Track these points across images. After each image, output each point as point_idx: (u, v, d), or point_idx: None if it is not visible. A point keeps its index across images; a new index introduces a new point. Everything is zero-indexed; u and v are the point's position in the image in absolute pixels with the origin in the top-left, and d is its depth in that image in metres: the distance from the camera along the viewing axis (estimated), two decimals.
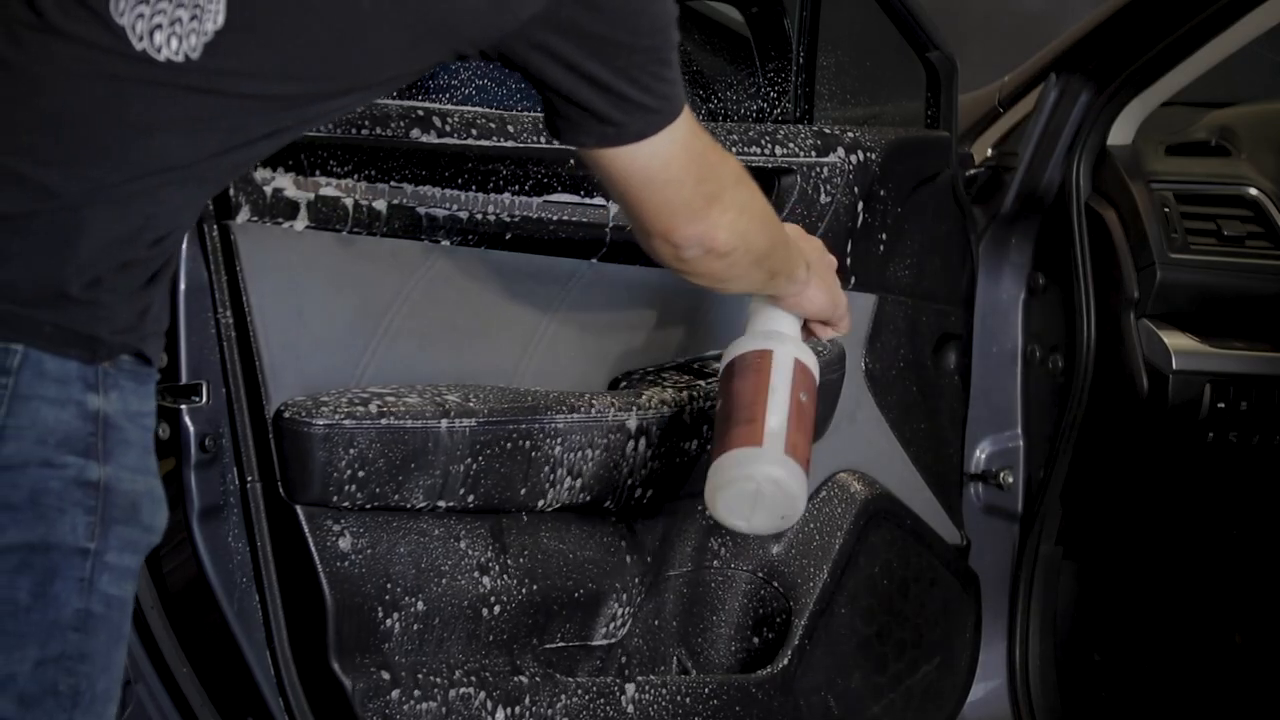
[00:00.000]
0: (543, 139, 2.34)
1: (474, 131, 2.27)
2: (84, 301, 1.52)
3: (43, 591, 1.52)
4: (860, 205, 2.69)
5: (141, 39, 1.49)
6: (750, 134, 2.57)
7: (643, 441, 2.32)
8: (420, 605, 2.22)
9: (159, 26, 1.50)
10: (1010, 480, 3.10)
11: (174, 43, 1.50)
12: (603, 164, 1.80)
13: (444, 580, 2.24)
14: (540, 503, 2.28)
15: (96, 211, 1.50)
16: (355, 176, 2.18)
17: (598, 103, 1.72)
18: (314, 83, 1.58)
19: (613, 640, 2.44)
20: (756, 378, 2.09)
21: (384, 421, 2.11)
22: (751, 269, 1.99)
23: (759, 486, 2.03)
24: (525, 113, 2.35)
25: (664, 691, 2.45)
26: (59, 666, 1.54)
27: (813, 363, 2.16)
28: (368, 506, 2.14)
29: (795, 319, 2.18)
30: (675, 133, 1.78)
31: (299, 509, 2.12)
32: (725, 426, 2.08)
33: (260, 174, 2.10)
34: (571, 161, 2.36)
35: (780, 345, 2.12)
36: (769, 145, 2.57)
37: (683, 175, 1.82)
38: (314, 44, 1.55)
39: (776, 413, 2.06)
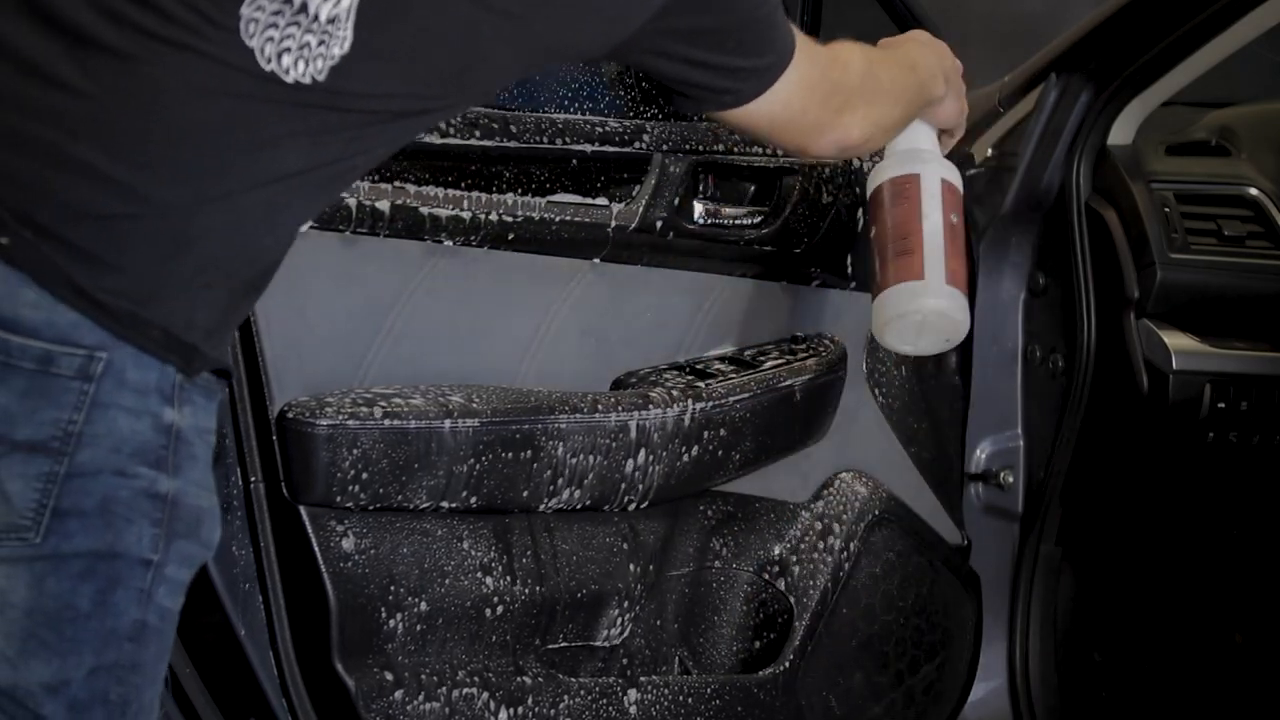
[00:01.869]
0: (545, 139, 2.34)
1: (477, 132, 2.27)
2: (193, 311, 1.54)
3: (104, 600, 1.53)
4: (861, 205, 2.69)
5: (270, 61, 1.52)
6: None
7: (645, 442, 2.32)
8: (423, 606, 2.22)
9: (287, 50, 1.52)
10: (1010, 480, 3.09)
11: (301, 65, 1.52)
12: (729, 120, 1.88)
13: (447, 581, 2.24)
14: (543, 503, 2.28)
15: (213, 221, 1.52)
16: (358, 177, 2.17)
17: (713, 81, 1.79)
18: (431, 99, 1.62)
19: (615, 641, 2.44)
20: (908, 205, 2.16)
21: (387, 422, 2.11)
22: (892, 131, 2.11)
23: (924, 319, 2.14)
24: (528, 113, 2.35)
25: (666, 692, 2.45)
26: (111, 675, 1.55)
27: (957, 180, 2.21)
28: (371, 507, 2.14)
29: (933, 132, 2.22)
30: (790, 74, 1.83)
31: (302, 509, 2.12)
32: (885, 258, 2.16)
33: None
34: (574, 162, 2.37)
35: (925, 167, 2.17)
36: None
37: (806, 105, 1.88)
38: (435, 68, 1.58)
39: (932, 241, 2.14)
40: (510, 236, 2.31)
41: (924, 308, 2.14)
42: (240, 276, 1.59)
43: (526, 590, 2.31)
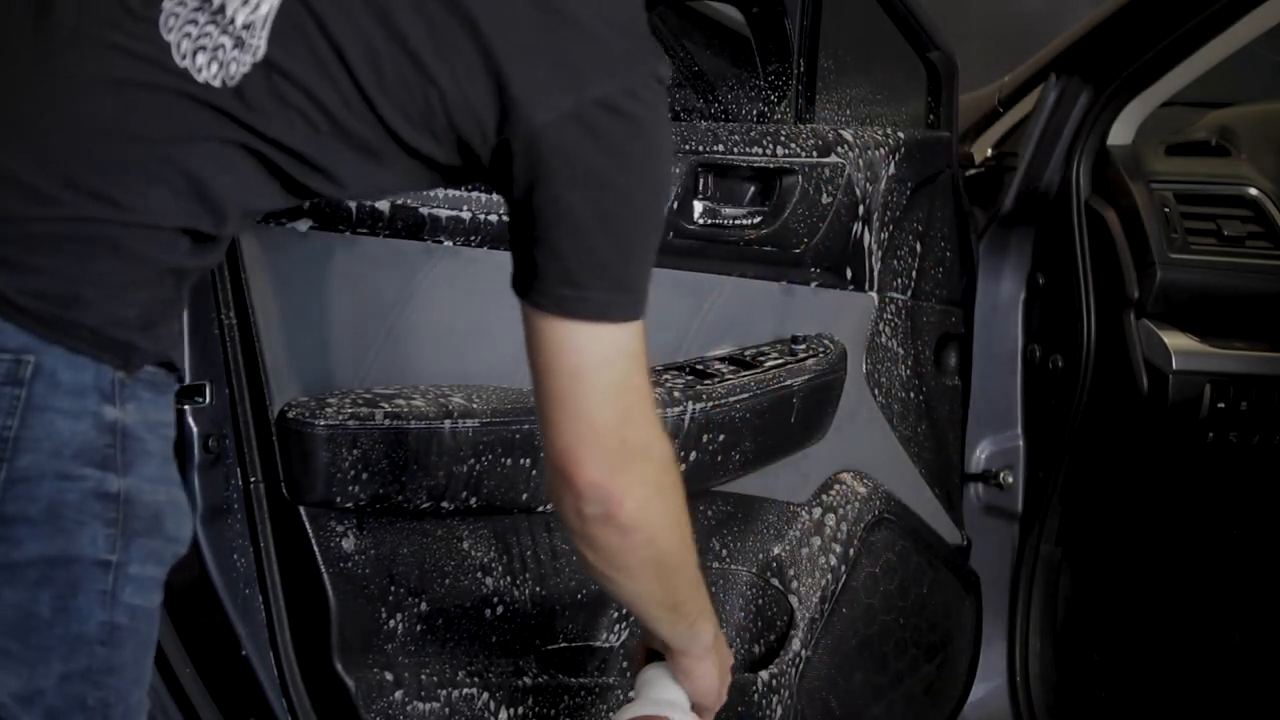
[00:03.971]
0: None
1: None
2: (121, 308, 1.52)
3: (65, 605, 1.51)
4: (861, 205, 2.69)
5: (184, 58, 1.51)
6: (752, 134, 2.57)
7: None
8: (423, 606, 2.22)
9: (202, 49, 1.52)
10: (1010, 480, 3.10)
11: (214, 67, 1.52)
12: (541, 332, 1.63)
13: (447, 581, 2.24)
14: (543, 504, 2.28)
15: (128, 218, 1.51)
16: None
17: (571, 253, 1.59)
18: (335, 131, 1.56)
19: (615, 641, 2.43)
20: None
21: (387, 422, 2.11)
22: (650, 570, 1.76)
23: None
24: None
25: None
26: (86, 680, 1.53)
27: None
28: (371, 507, 2.14)
29: (688, 702, 1.98)
30: (629, 337, 1.62)
31: (302, 510, 2.12)
32: None
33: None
34: None
35: (676, 715, 1.95)
36: (770, 145, 2.57)
37: (615, 399, 1.62)
38: (337, 97, 1.55)
39: None
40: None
41: None
42: (169, 271, 1.55)
43: (526, 590, 2.31)
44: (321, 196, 1.65)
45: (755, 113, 2.77)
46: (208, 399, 2.06)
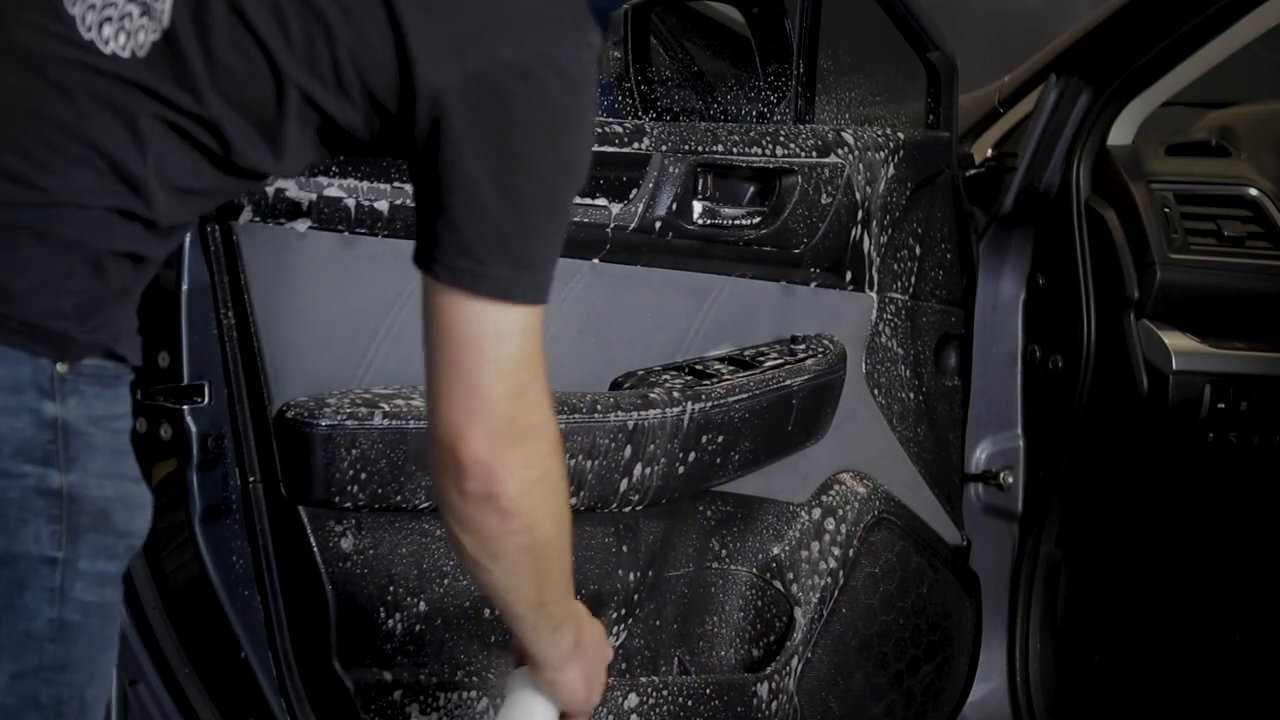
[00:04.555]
0: None
1: None
2: (53, 298, 1.48)
3: (11, 604, 1.48)
4: (861, 206, 2.69)
5: (90, 29, 1.47)
6: (751, 134, 2.57)
7: (644, 442, 2.32)
8: (422, 606, 2.22)
9: (109, 19, 1.48)
10: (1010, 480, 3.10)
11: (122, 38, 1.48)
12: (436, 303, 1.57)
13: (446, 581, 2.24)
14: None
15: (52, 202, 1.47)
16: (357, 177, 2.17)
17: (468, 224, 1.53)
18: (249, 99, 1.52)
19: (614, 640, 2.43)
20: None
21: (386, 422, 2.11)
22: (526, 564, 1.69)
23: None
24: None
25: (665, 692, 2.45)
26: (38, 678, 1.51)
27: None
28: (370, 507, 2.14)
29: (552, 711, 1.88)
30: (527, 319, 1.57)
31: (301, 509, 2.12)
32: None
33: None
34: None
35: None
36: (770, 146, 2.57)
37: (507, 374, 1.57)
38: (240, 68, 1.50)
39: None
40: None
41: None
42: (110, 257, 1.50)
43: None
44: (257, 172, 1.57)
45: (755, 113, 2.77)
46: (207, 399, 2.06)
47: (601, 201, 2.38)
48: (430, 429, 1.61)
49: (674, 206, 2.46)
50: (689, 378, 2.45)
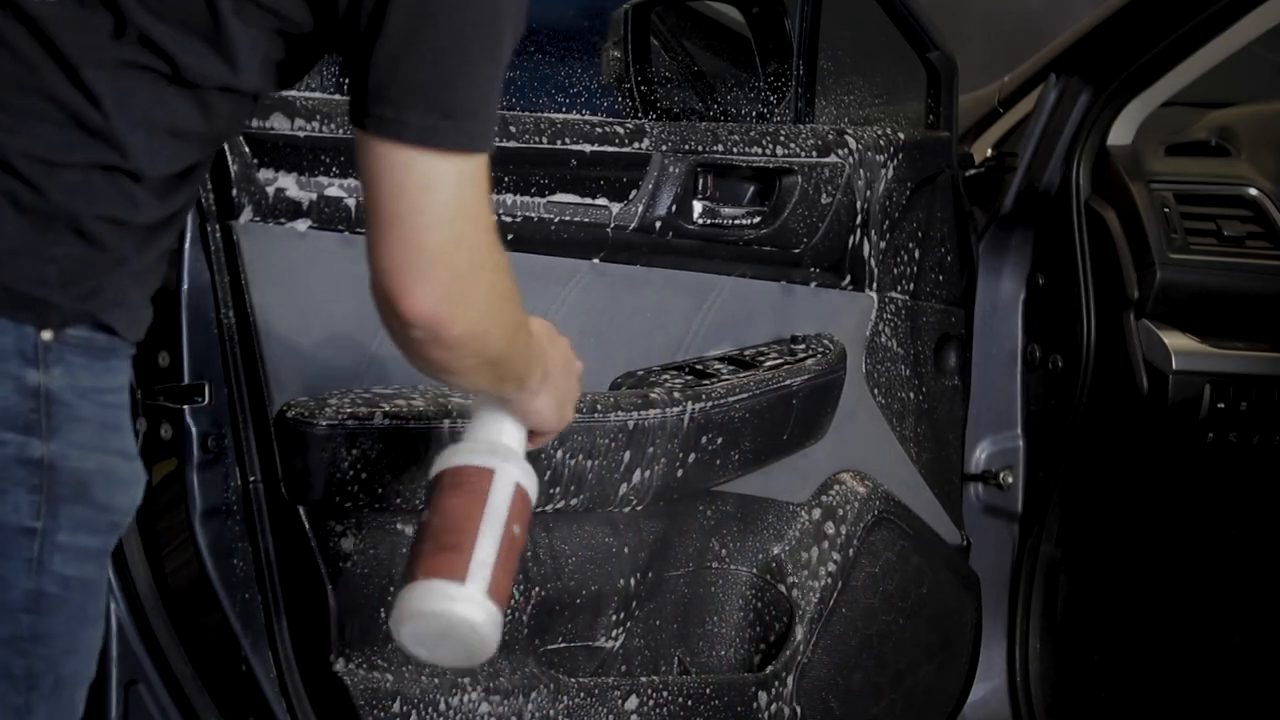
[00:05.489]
0: (545, 139, 2.34)
1: None
2: (36, 264, 1.47)
3: None
4: (861, 206, 2.69)
5: None
6: (751, 134, 2.57)
7: (644, 442, 2.32)
8: None
9: None
10: (1010, 480, 3.10)
11: None
12: (364, 154, 1.55)
13: None
14: (543, 503, 2.28)
15: (22, 165, 1.45)
16: (358, 177, 2.17)
17: (386, 71, 1.51)
18: (170, 20, 1.49)
19: (614, 641, 2.43)
20: (471, 499, 1.83)
21: (387, 422, 2.11)
22: (479, 369, 1.69)
23: (450, 625, 1.79)
24: (527, 113, 2.35)
25: (665, 693, 2.45)
26: (11, 648, 1.50)
27: (532, 488, 1.88)
28: (370, 507, 2.14)
29: (523, 431, 1.91)
30: (461, 166, 1.53)
31: (301, 509, 2.12)
32: (428, 547, 1.81)
33: (263, 174, 2.10)
34: (574, 162, 2.37)
35: (504, 465, 1.85)
36: (770, 145, 2.57)
37: (443, 221, 1.54)
38: None
39: (486, 545, 1.81)
40: (509, 236, 2.30)
41: (453, 613, 1.78)
42: (98, 222, 1.48)
43: (525, 590, 2.31)
44: (221, 87, 1.53)
45: (755, 113, 2.77)
46: (207, 399, 2.06)
47: (601, 201, 2.39)
48: (370, 275, 1.57)
49: (674, 206, 2.46)
50: (689, 377, 2.45)
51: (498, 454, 1.84)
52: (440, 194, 1.53)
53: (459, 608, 1.76)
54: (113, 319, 1.53)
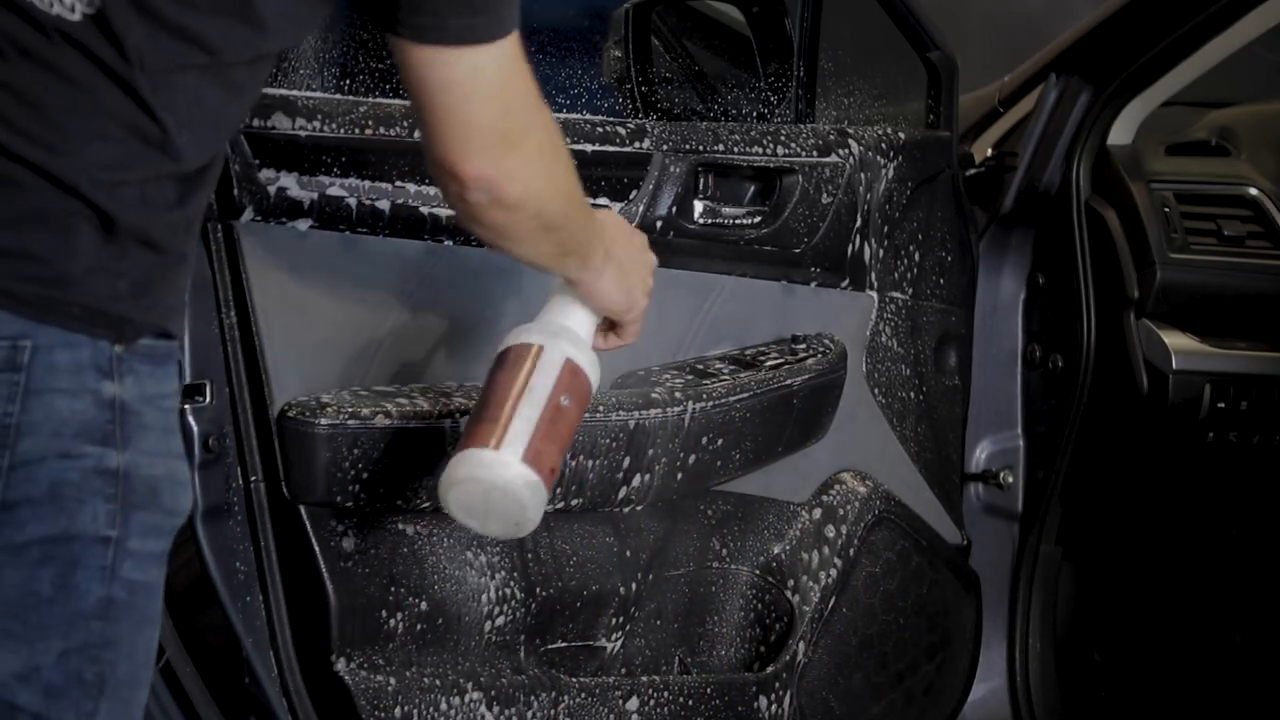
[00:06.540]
0: None
1: None
2: (109, 279, 1.50)
3: (65, 583, 1.51)
4: (861, 205, 2.69)
5: (50, 5, 1.46)
6: (752, 134, 2.57)
7: (645, 442, 2.32)
8: (423, 606, 2.22)
9: None
10: (1010, 480, 3.10)
11: (69, 0, 1.46)
12: (408, 61, 1.63)
13: (447, 581, 2.24)
14: None
15: (79, 182, 1.47)
16: (359, 176, 2.17)
17: None
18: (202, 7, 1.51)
19: (615, 640, 2.44)
20: (514, 372, 1.91)
21: (388, 422, 2.10)
22: (539, 235, 1.80)
23: (487, 492, 1.86)
24: None
25: (666, 693, 2.45)
26: (83, 655, 1.53)
27: (589, 365, 1.94)
28: (371, 507, 2.14)
29: (592, 318, 2.00)
30: (498, 51, 1.63)
31: (302, 509, 2.12)
32: (471, 419, 1.91)
33: (264, 174, 2.10)
34: (574, 162, 2.36)
35: (554, 341, 1.93)
36: (770, 145, 2.57)
37: (490, 99, 1.64)
38: None
39: (525, 414, 1.88)
40: None
41: (485, 479, 1.86)
42: (156, 230, 1.52)
43: (526, 590, 2.31)
44: (250, 60, 1.57)
45: (755, 112, 2.77)
46: (208, 398, 2.06)
47: (603, 201, 2.38)
48: (429, 164, 1.69)
49: (675, 206, 2.46)
50: (690, 377, 2.45)
51: (551, 332, 1.93)
52: (484, 79, 1.63)
53: (490, 472, 1.85)
54: (172, 325, 1.58)
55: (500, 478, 1.86)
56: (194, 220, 1.60)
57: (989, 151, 3.12)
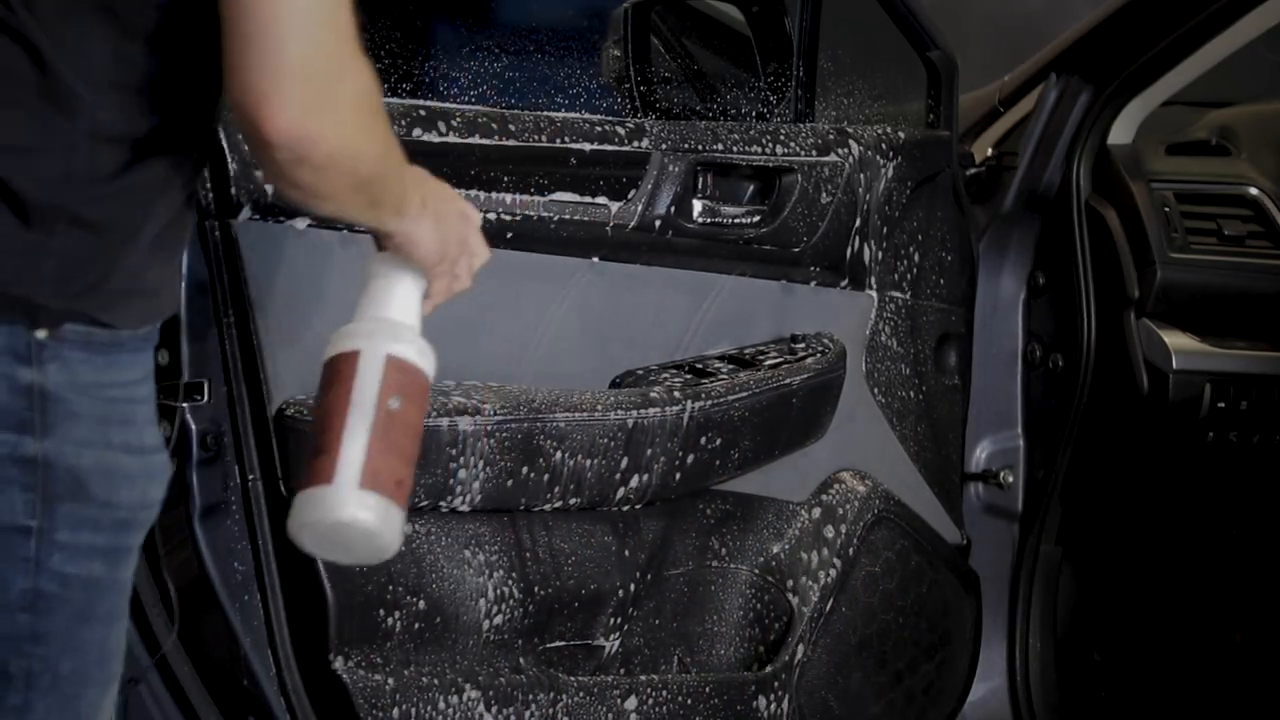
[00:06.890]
0: (544, 138, 2.34)
1: (476, 131, 2.27)
2: (28, 259, 1.46)
3: None
4: (861, 205, 2.69)
5: None
6: (751, 133, 2.57)
7: (644, 441, 2.32)
8: (422, 604, 2.22)
9: None
10: (1010, 480, 3.10)
11: None
12: None
13: (446, 580, 2.24)
14: (542, 502, 2.28)
15: (8, 158, 1.44)
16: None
17: None
18: None
19: (614, 639, 2.43)
20: (338, 389, 1.74)
21: None
22: (351, 192, 1.59)
23: (333, 530, 1.72)
24: (526, 112, 2.35)
25: (665, 692, 2.45)
26: (8, 647, 1.50)
27: (418, 354, 1.77)
28: None
29: (413, 293, 1.81)
30: None
31: None
32: (309, 451, 1.75)
33: (262, 173, 2.10)
34: (573, 161, 2.37)
35: (369, 342, 1.75)
36: (770, 144, 2.57)
37: (306, 24, 1.46)
38: None
39: (355, 434, 1.72)
40: (509, 235, 2.30)
41: (324, 519, 1.70)
42: (78, 212, 1.46)
43: (525, 589, 2.31)
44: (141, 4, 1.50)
45: (754, 112, 2.77)
46: (206, 397, 2.06)
47: (601, 200, 2.38)
48: (229, 97, 1.50)
49: (674, 205, 2.46)
50: (689, 376, 2.45)
51: (366, 332, 1.76)
52: (297, 2, 1.47)
53: (330, 513, 1.69)
54: (112, 314, 1.51)
55: (340, 516, 1.70)
56: (144, 192, 1.52)
57: (989, 151, 3.11)
